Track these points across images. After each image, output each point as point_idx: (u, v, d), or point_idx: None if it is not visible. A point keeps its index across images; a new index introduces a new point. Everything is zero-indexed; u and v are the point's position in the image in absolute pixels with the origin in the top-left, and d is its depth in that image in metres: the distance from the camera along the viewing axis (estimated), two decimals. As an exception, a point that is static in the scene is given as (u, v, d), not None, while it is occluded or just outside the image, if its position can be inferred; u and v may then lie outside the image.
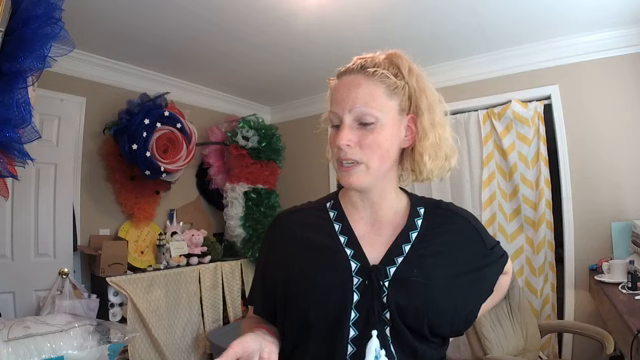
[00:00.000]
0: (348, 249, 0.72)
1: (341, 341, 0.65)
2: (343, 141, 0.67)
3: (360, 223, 0.76)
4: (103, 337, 1.52)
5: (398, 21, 2.31)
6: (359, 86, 0.69)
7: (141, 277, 2.47)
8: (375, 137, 0.68)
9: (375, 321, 0.64)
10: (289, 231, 0.78)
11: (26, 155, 1.25)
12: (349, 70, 0.72)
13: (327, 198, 0.82)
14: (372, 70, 0.70)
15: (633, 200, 2.41)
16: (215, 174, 3.33)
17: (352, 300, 0.66)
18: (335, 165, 0.73)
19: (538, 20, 2.33)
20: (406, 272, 0.68)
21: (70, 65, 2.46)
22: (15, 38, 1.16)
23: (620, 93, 2.47)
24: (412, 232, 0.74)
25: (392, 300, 0.66)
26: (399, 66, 0.72)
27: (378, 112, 0.68)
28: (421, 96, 0.73)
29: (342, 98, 0.70)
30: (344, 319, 0.66)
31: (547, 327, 2.34)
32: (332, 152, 0.73)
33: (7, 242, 2.24)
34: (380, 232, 0.75)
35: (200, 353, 2.71)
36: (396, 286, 0.67)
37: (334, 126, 0.72)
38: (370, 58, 0.72)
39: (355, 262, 0.70)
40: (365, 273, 0.68)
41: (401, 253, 0.71)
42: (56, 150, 2.47)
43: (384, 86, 0.69)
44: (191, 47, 2.59)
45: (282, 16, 2.19)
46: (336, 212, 0.78)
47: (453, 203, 0.82)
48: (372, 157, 0.69)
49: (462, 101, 2.99)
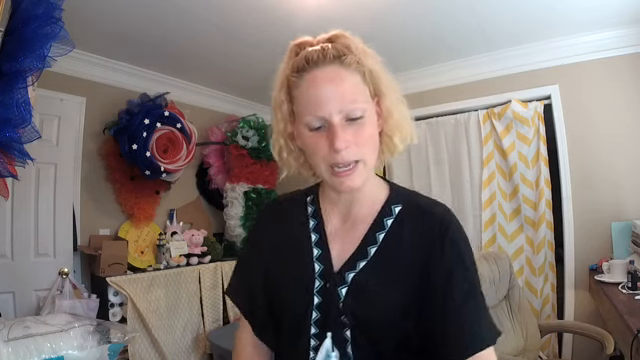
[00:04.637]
0: (316, 249, 0.71)
1: (305, 337, 0.67)
2: (341, 144, 0.61)
3: (335, 219, 0.74)
4: (103, 337, 1.52)
5: (398, 21, 2.31)
6: (343, 80, 0.62)
7: (141, 277, 2.46)
8: (366, 131, 0.64)
9: (331, 324, 0.65)
10: (268, 224, 0.80)
11: (26, 155, 1.25)
12: (320, 61, 0.63)
13: (309, 190, 0.80)
14: (348, 59, 0.63)
15: (633, 200, 2.41)
16: (215, 174, 3.33)
17: (313, 302, 0.67)
18: (323, 172, 0.65)
19: (538, 20, 2.33)
20: (364, 280, 0.66)
21: (70, 65, 2.46)
22: (15, 38, 1.16)
23: (620, 93, 2.47)
24: (380, 233, 0.69)
25: (348, 307, 0.65)
26: (352, 49, 0.65)
27: (364, 104, 0.64)
28: (380, 77, 0.67)
29: (325, 97, 0.62)
30: (307, 317, 0.67)
31: (547, 327, 2.34)
32: (317, 158, 0.65)
33: (7, 242, 2.24)
34: (352, 230, 0.71)
35: (200, 353, 2.71)
36: (353, 294, 0.66)
37: (313, 129, 0.64)
38: (337, 44, 0.64)
39: (319, 264, 0.69)
40: (326, 277, 0.68)
41: (365, 256, 0.68)
42: (56, 150, 2.47)
43: (359, 75, 0.64)
44: (191, 47, 2.59)
45: (282, 16, 2.19)
46: (314, 208, 0.76)
47: (445, 206, 0.72)
48: (368, 152, 0.65)
49: (462, 101, 2.99)
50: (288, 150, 0.72)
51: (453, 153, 3.00)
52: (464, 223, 2.86)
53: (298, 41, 0.68)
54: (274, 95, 0.70)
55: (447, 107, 3.04)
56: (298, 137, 0.68)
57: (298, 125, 0.67)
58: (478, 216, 2.86)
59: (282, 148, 0.72)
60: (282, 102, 0.68)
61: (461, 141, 2.95)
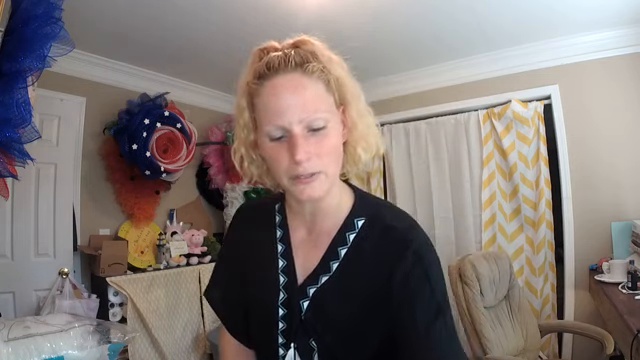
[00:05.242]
0: (281, 260, 0.70)
1: (273, 346, 0.68)
2: (302, 155, 0.58)
3: (300, 230, 0.72)
4: (103, 337, 1.52)
5: (398, 21, 2.31)
6: (305, 88, 0.59)
7: (141, 277, 2.46)
8: (329, 141, 0.61)
9: (296, 334, 0.66)
10: (240, 229, 0.81)
11: (26, 155, 1.25)
12: (282, 68, 0.60)
13: (278, 197, 0.77)
14: (311, 66, 0.60)
15: (633, 200, 2.41)
16: (215, 174, 3.33)
17: (277, 313, 0.68)
18: (285, 183, 0.63)
19: (538, 20, 2.33)
20: (324, 295, 0.65)
21: (70, 65, 2.46)
22: (15, 38, 1.16)
23: (620, 93, 2.47)
24: (342, 248, 0.66)
25: (309, 321, 0.65)
26: (317, 55, 0.62)
27: (327, 113, 0.61)
28: (345, 84, 0.64)
29: (285, 106, 0.59)
30: (273, 328, 0.68)
31: (547, 327, 2.34)
32: (279, 169, 0.62)
33: (7, 242, 2.24)
34: (317, 242, 0.69)
35: (200, 353, 2.71)
36: (313, 309, 0.65)
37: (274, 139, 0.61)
38: (301, 50, 0.62)
39: (283, 276, 0.69)
40: (289, 290, 0.68)
41: (328, 271, 0.66)
42: (56, 150, 2.47)
43: (323, 83, 0.61)
44: (191, 47, 2.59)
45: (282, 16, 2.19)
46: (281, 217, 0.74)
47: (411, 220, 0.68)
48: (330, 163, 0.62)
49: (462, 101, 2.99)
50: (249, 159, 0.69)
51: (453, 153, 3.00)
52: (464, 223, 2.91)
53: (262, 46, 0.66)
54: (236, 101, 0.68)
55: (447, 107, 3.04)
56: (260, 146, 0.65)
57: (259, 134, 0.64)
58: (478, 216, 2.86)
59: (243, 157, 0.69)
60: (243, 109, 0.65)
61: (461, 141, 2.95)
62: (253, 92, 0.63)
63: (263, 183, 0.73)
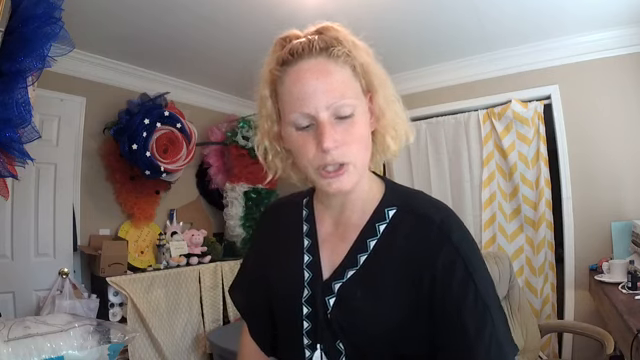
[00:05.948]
0: (307, 255, 0.67)
1: (299, 348, 0.65)
2: (330, 143, 0.55)
3: (327, 223, 0.69)
4: (103, 337, 1.52)
5: (399, 20, 2.31)
6: (330, 73, 0.57)
7: (141, 277, 2.46)
8: (358, 130, 0.58)
9: (322, 335, 0.62)
10: (267, 227, 0.79)
11: (26, 155, 1.25)
12: (306, 54, 0.58)
13: (307, 192, 0.76)
14: (336, 50, 0.58)
15: (633, 200, 2.41)
16: (215, 174, 3.33)
17: (302, 311, 0.64)
18: (312, 175, 0.60)
19: (538, 20, 2.33)
20: (351, 291, 0.61)
21: (70, 65, 2.46)
22: (15, 38, 1.16)
23: (620, 93, 2.47)
24: (371, 240, 0.63)
25: (334, 319, 0.61)
26: (341, 40, 0.59)
27: (355, 100, 0.58)
28: (372, 71, 0.62)
29: (311, 92, 0.56)
30: (299, 328, 0.65)
31: (547, 327, 2.34)
32: (305, 160, 0.59)
33: (7, 242, 2.24)
34: (344, 235, 0.66)
35: (200, 353, 2.71)
36: (339, 305, 0.62)
37: (300, 129, 0.59)
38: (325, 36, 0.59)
39: (308, 272, 0.66)
40: (314, 286, 0.65)
41: (355, 264, 0.62)
42: (56, 150, 2.47)
43: (349, 68, 0.59)
44: (191, 47, 2.59)
45: (282, 15, 2.19)
46: (308, 211, 0.72)
47: (447, 209, 0.64)
48: (359, 153, 0.59)
49: (462, 101, 2.99)
50: (274, 152, 0.67)
51: (453, 153, 3.00)
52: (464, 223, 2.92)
53: (284, 34, 0.63)
54: (258, 92, 0.66)
55: (447, 107, 3.04)
56: (285, 137, 0.63)
57: (284, 124, 0.61)
58: (478, 216, 2.86)
59: (267, 150, 0.67)
60: (266, 99, 0.63)
61: (461, 141, 2.95)
62: (276, 80, 0.61)
63: (288, 177, 0.70)
